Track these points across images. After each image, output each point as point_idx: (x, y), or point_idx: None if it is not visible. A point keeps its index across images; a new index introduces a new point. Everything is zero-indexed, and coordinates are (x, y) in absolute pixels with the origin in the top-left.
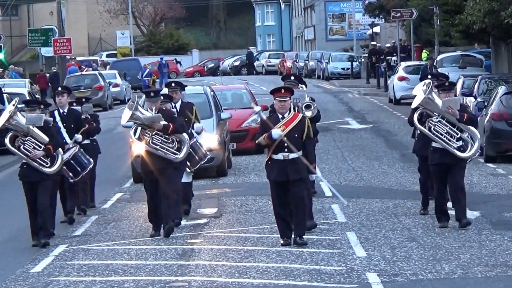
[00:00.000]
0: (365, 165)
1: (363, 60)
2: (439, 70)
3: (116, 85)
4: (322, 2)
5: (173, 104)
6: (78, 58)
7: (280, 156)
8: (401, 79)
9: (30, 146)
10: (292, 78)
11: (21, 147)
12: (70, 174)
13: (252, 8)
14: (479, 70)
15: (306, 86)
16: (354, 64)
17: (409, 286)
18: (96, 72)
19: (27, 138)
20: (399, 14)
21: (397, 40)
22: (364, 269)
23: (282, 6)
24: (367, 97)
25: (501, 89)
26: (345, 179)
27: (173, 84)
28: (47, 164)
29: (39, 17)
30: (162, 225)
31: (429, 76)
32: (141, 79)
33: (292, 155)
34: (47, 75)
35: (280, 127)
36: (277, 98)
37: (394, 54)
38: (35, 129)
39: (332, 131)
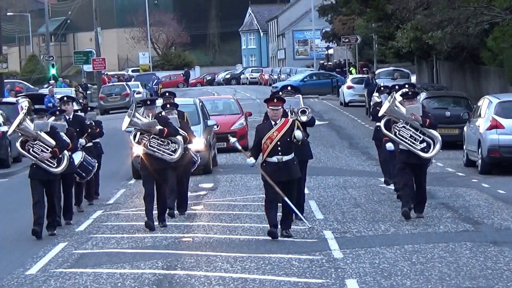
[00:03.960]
0: (322, 151)
1: None
2: (377, 81)
3: (139, 93)
4: (291, 31)
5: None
6: (109, 73)
7: (274, 159)
8: (349, 87)
9: (39, 149)
10: (289, 88)
11: (31, 150)
12: (77, 177)
13: (239, 35)
14: (407, 81)
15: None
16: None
17: (355, 240)
18: (124, 83)
19: (35, 142)
20: (347, 40)
21: (346, 58)
22: (322, 228)
23: (261, 34)
24: (324, 101)
25: (423, 95)
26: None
27: (167, 94)
28: (54, 165)
29: (81, 42)
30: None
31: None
32: (152, 86)
33: (285, 158)
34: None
35: (273, 133)
36: (270, 107)
37: (337, 69)
38: (43, 134)
39: None
